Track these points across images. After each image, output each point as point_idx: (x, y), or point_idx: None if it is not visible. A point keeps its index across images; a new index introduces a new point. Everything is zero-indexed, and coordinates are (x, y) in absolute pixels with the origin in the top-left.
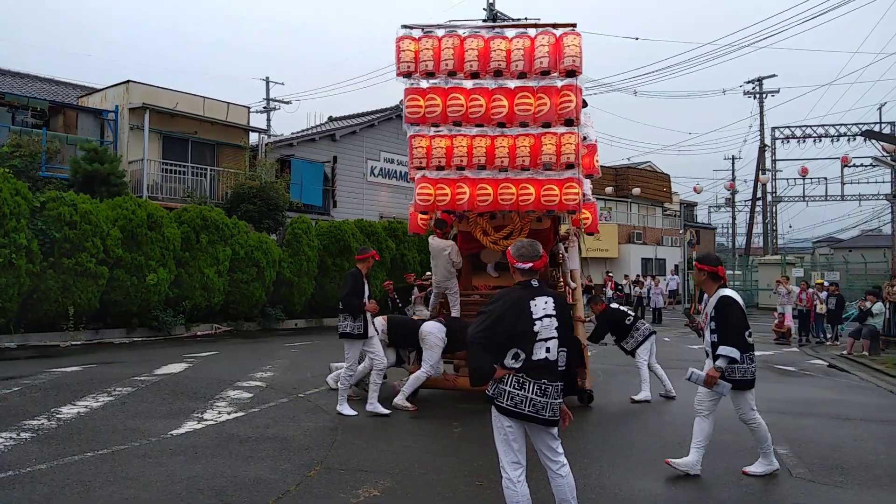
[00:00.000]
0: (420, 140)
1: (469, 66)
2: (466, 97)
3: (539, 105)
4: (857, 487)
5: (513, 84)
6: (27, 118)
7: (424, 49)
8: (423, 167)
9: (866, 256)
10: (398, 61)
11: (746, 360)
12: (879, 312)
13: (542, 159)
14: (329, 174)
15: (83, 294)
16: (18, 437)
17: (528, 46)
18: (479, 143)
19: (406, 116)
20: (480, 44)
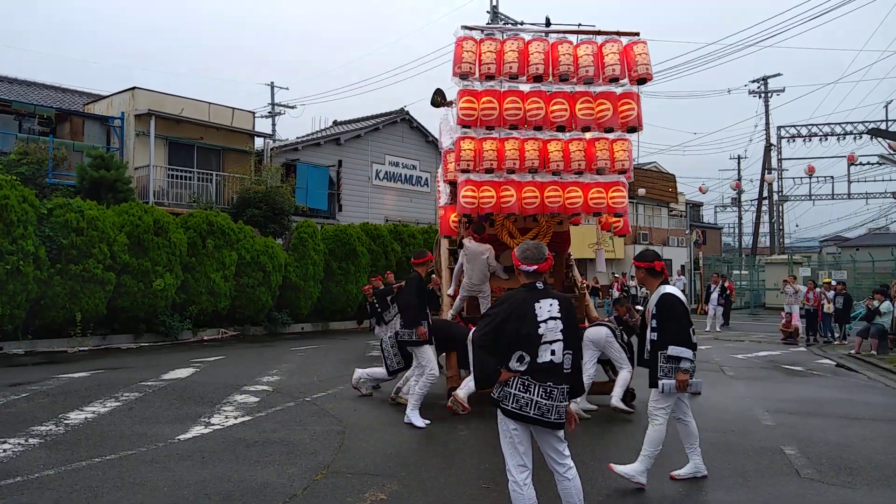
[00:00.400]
0: (468, 142)
1: (535, 70)
2: (524, 100)
3: (601, 111)
4: (866, 488)
5: (570, 89)
6: (34, 126)
7: (487, 52)
8: (470, 170)
9: (874, 255)
10: (459, 62)
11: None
12: (888, 311)
13: (596, 164)
14: (334, 178)
15: (90, 300)
16: (27, 442)
17: (597, 53)
18: (532, 146)
19: (459, 118)
20: (546, 47)
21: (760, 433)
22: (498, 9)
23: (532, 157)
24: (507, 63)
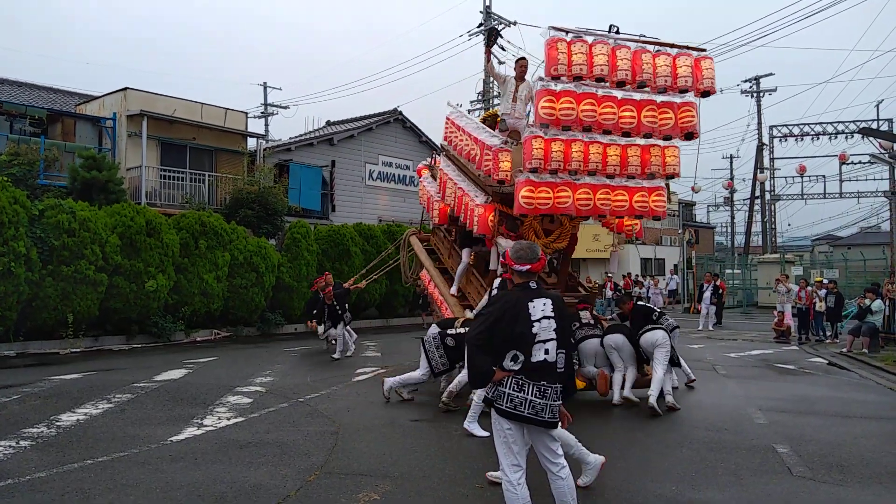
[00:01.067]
0: (538, 142)
1: (623, 75)
2: (598, 104)
3: (664, 119)
4: (858, 485)
5: (639, 96)
6: (25, 126)
7: (578, 53)
8: (538, 169)
9: (865, 254)
10: (553, 62)
11: None
12: (879, 310)
13: (650, 168)
14: (327, 178)
15: (82, 301)
16: (18, 445)
17: (671, 64)
18: (595, 149)
19: (540, 117)
20: (628, 54)
21: (753, 431)
22: (491, 9)
23: (595, 160)
24: (598, 66)
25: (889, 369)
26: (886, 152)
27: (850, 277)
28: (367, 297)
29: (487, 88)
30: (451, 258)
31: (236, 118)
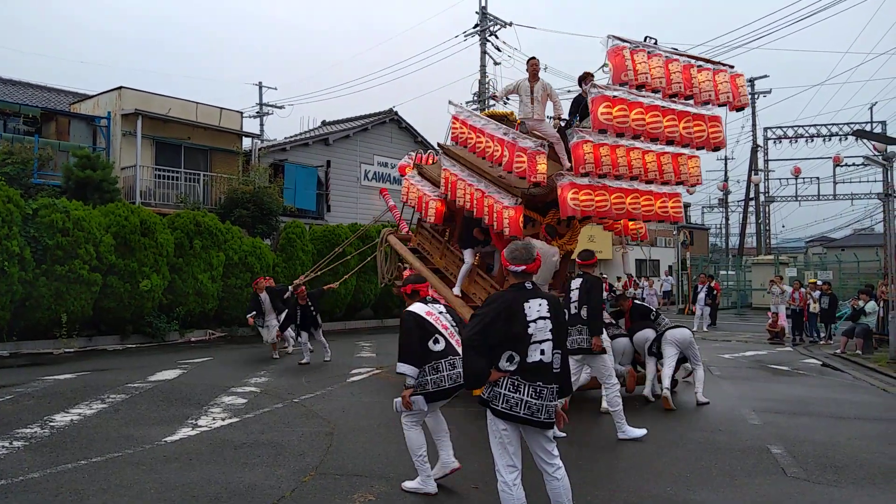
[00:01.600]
0: (588, 146)
1: (676, 87)
2: (646, 113)
3: (699, 130)
4: (852, 486)
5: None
6: (19, 125)
7: (641, 63)
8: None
9: (859, 255)
10: (621, 70)
11: (429, 372)
12: (873, 311)
13: (680, 176)
14: (323, 178)
15: (76, 301)
16: (11, 445)
17: (712, 80)
18: (636, 155)
19: (599, 122)
20: (680, 68)
21: (747, 432)
22: (487, 10)
23: (637, 166)
24: (656, 77)
25: (882, 370)
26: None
27: (843, 279)
28: (363, 298)
29: (483, 89)
30: (443, 258)
31: (231, 118)
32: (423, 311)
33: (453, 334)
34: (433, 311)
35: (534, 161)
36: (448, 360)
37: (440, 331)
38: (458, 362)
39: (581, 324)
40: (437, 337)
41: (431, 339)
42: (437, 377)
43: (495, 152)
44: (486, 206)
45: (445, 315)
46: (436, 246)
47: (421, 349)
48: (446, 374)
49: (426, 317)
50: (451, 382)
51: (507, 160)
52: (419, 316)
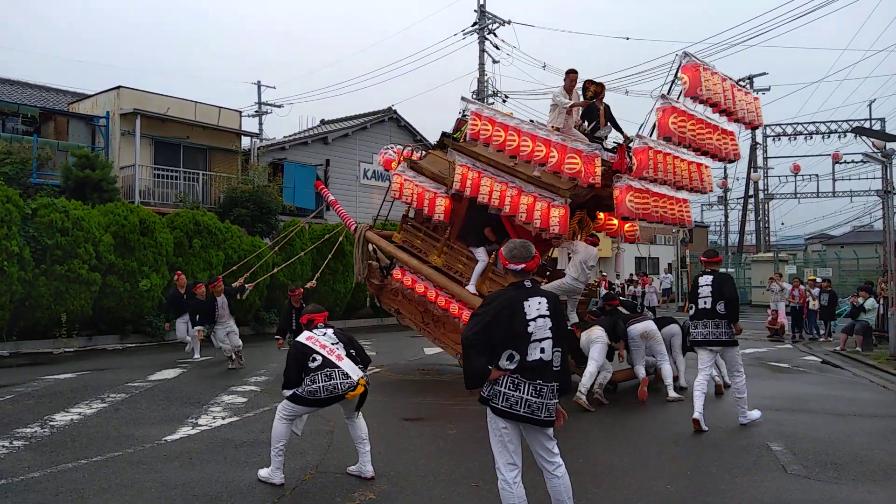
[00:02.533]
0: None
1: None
2: (697, 125)
3: (724, 143)
4: (851, 483)
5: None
6: (18, 125)
7: (708, 80)
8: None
9: (858, 252)
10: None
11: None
12: (872, 308)
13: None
14: (322, 177)
15: (76, 301)
16: (11, 445)
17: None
18: (679, 163)
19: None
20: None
21: (747, 430)
22: (485, 8)
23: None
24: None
25: (882, 367)
26: (879, 151)
27: (843, 276)
28: (362, 296)
29: (482, 87)
30: (442, 256)
31: (230, 117)
32: (304, 337)
33: (333, 350)
34: (315, 335)
35: (592, 163)
36: (325, 371)
37: (317, 350)
38: (335, 374)
39: (718, 318)
40: (315, 356)
41: (310, 359)
42: (313, 387)
43: (537, 152)
44: (524, 204)
45: (329, 336)
46: (431, 243)
47: (298, 374)
48: (321, 384)
49: (306, 342)
50: (326, 393)
51: (556, 160)
52: (301, 344)
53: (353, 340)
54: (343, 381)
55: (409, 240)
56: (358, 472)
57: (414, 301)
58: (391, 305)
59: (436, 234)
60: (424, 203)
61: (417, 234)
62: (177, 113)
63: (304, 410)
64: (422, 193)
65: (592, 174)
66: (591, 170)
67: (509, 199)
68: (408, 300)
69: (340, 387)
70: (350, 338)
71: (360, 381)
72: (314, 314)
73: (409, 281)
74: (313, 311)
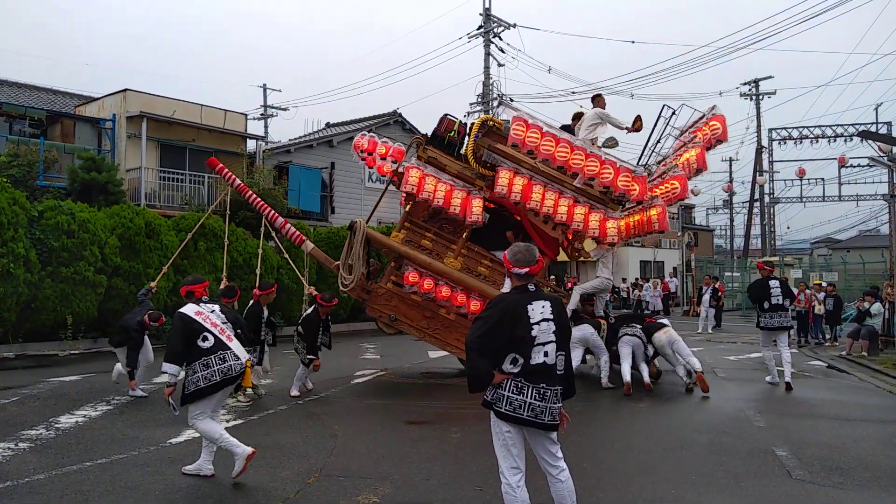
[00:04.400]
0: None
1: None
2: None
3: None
4: (857, 488)
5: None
6: (25, 128)
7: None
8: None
9: (864, 257)
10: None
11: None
12: (878, 313)
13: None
14: (327, 180)
15: (81, 303)
16: (16, 447)
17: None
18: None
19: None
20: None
21: (752, 434)
22: (491, 11)
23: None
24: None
25: (888, 372)
26: (885, 155)
27: (849, 280)
28: None
29: (487, 90)
30: (459, 258)
31: (236, 120)
32: (192, 311)
33: (224, 331)
34: (204, 310)
35: (644, 183)
36: (218, 354)
37: (209, 329)
38: (228, 356)
39: (783, 310)
40: (206, 335)
41: (200, 337)
42: (207, 372)
43: (590, 167)
44: (580, 214)
45: (217, 314)
46: (444, 245)
47: (187, 349)
48: (216, 368)
49: (195, 317)
50: (221, 376)
51: (611, 178)
52: (188, 316)
53: (238, 319)
54: (235, 363)
55: (415, 240)
56: (196, 469)
57: (417, 306)
58: (382, 311)
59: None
60: (453, 202)
61: (426, 235)
62: (183, 116)
63: (209, 402)
64: (450, 192)
65: (644, 193)
66: (644, 188)
67: (565, 208)
68: (407, 305)
69: (234, 368)
70: (236, 316)
71: (246, 363)
72: (194, 285)
73: (427, 285)
74: (193, 281)
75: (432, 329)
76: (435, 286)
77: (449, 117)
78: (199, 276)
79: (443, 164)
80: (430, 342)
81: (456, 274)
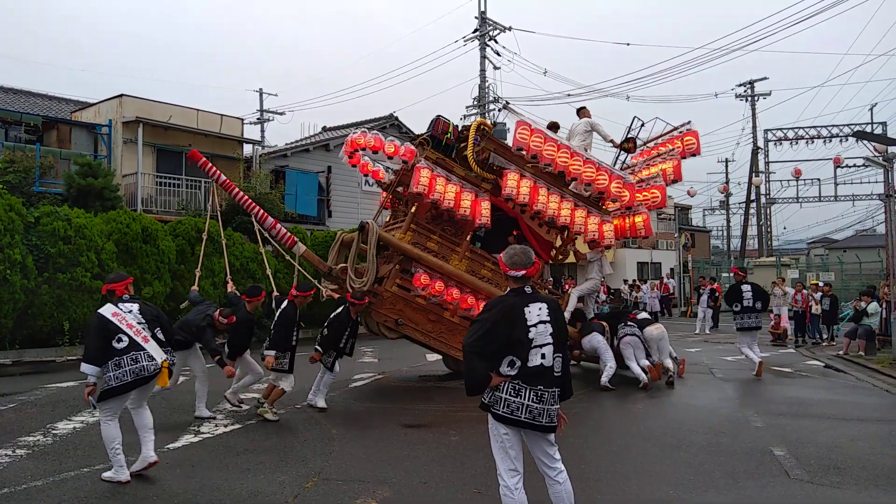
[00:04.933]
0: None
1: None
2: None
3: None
4: (855, 488)
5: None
6: (20, 133)
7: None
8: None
9: (861, 256)
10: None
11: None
12: (875, 312)
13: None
14: (324, 184)
15: (78, 309)
16: (14, 453)
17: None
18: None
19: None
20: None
21: (750, 434)
22: (486, 15)
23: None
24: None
25: (885, 371)
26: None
27: (846, 280)
28: None
29: (483, 94)
30: (463, 261)
31: (232, 124)
32: (109, 312)
33: (139, 332)
34: (120, 311)
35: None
36: (130, 355)
37: (124, 330)
38: (140, 357)
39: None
40: (121, 336)
41: (115, 338)
42: (119, 372)
43: (587, 173)
44: (580, 217)
45: (135, 314)
46: (449, 247)
47: (102, 349)
48: (128, 368)
49: (111, 318)
50: (132, 376)
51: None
52: (104, 317)
53: (158, 317)
54: (149, 364)
55: (421, 242)
56: (142, 464)
57: (422, 310)
58: (388, 315)
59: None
60: (463, 204)
61: (431, 237)
62: (179, 121)
63: (119, 402)
64: (459, 193)
65: (633, 199)
66: (632, 195)
67: (567, 212)
68: (412, 309)
69: (147, 369)
70: (156, 315)
71: (163, 364)
72: (115, 283)
73: (438, 287)
74: (114, 279)
75: (437, 333)
76: (445, 288)
77: (442, 119)
78: (121, 274)
79: (449, 165)
80: (435, 346)
81: (466, 276)
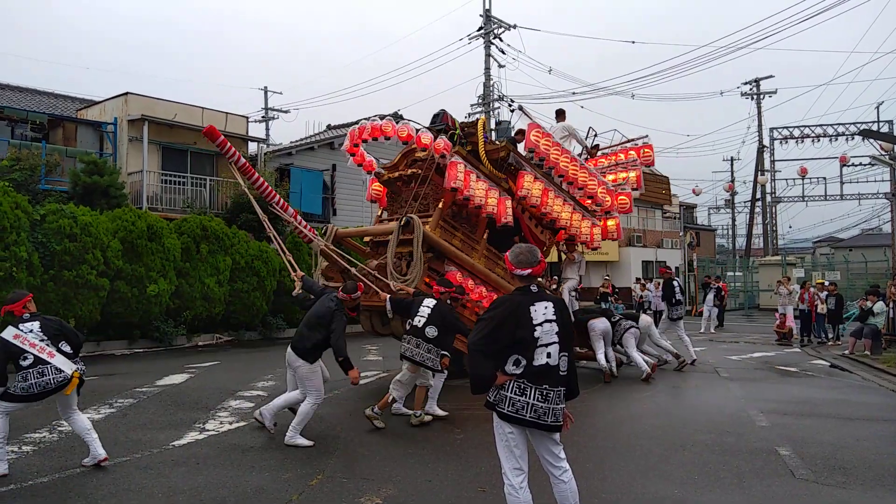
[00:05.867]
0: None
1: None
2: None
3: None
4: (860, 488)
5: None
6: (26, 132)
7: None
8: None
9: (867, 255)
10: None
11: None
12: (881, 311)
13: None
14: (329, 182)
15: (84, 306)
16: (20, 450)
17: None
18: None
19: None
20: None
21: (755, 434)
22: (491, 12)
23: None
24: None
25: (891, 371)
26: (887, 154)
27: (851, 279)
28: None
29: (488, 91)
30: (481, 259)
31: (237, 122)
32: (10, 335)
33: (43, 349)
34: (21, 332)
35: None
36: (37, 369)
37: (27, 350)
38: (46, 370)
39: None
40: (26, 355)
41: (21, 357)
42: (26, 384)
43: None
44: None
45: (35, 332)
46: (470, 245)
47: (2, 372)
48: (34, 381)
49: (13, 340)
50: (39, 389)
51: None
52: (6, 341)
53: (62, 330)
54: (56, 376)
55: (448, 240)
56: (93, 460)
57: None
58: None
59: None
60: (489, 201)
61: (456, 234)
62: (184, 119)
63: (18, 406)
64: (488, 191)
65: (614, 204)
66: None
67: (567, 214)
68: None
69: (53, 381)
70: (59, 328)
71: (74, 374)
72: (12, 304)
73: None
74: (12, 300)
75: None
76: (475, 287)
77: (448, 114)
78: (19, 293)
79: (475, 162)
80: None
81: (493, 275)
